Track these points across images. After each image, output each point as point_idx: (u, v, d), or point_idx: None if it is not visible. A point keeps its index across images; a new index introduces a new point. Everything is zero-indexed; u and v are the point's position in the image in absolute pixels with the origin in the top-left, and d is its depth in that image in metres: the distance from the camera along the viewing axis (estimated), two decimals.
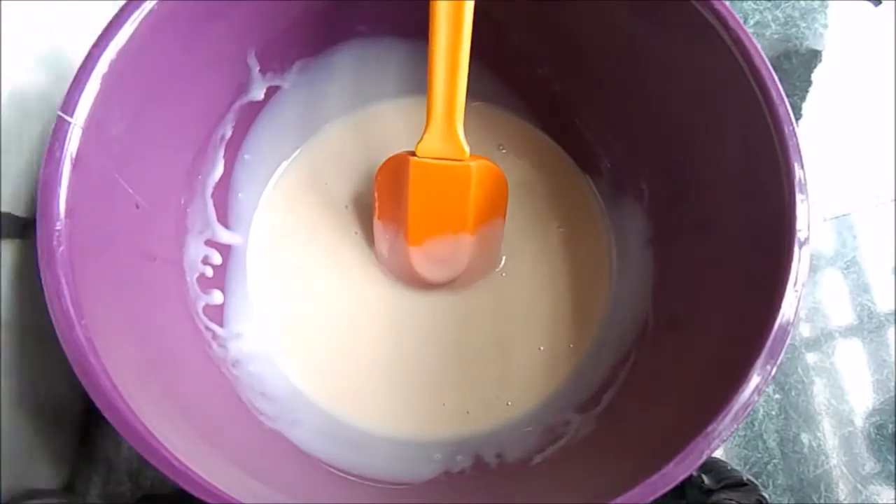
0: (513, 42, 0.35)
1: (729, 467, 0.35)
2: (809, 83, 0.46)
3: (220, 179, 0.34)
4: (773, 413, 0.40)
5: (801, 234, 0.24)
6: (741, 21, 0.26)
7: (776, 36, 0.47)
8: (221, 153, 0.34)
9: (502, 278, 0.37)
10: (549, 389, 0.35)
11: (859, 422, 0.41)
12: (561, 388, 0.35)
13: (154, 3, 0.25)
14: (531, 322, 0.36)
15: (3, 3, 0.29)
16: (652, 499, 0.22)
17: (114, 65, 0.24)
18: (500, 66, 0.37)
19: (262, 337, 0.36)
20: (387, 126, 0.39)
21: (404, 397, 0.35)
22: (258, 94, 0.34)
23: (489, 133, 0.39)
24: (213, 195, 0.34)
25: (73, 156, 0.23)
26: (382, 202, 0.35)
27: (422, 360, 0.36)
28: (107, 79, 0.24)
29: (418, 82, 0.38)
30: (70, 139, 0.23)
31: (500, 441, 0.34)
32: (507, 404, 0.35)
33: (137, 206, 0.28)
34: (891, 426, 0.41)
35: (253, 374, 0.34)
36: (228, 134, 0.34)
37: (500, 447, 0.34)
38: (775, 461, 0.40)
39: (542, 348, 0.36)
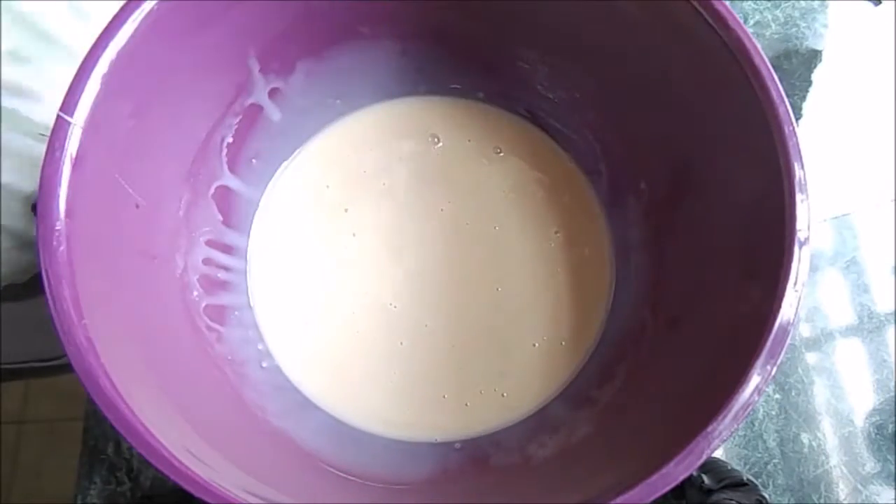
0: (513, 42, 0.35)
1: (729, 467, 0.35)
2: (809, 83, 0.46)
3: (221, 180, 0.34)
4: (773, 413, 0.40)
5: (801, 234, 0.24)
6: (741, 21, 0.26)
7: (776, 36, 0.47)
8: (222, 154, 0.34)
9: (502, 275, 0.37)
10: (546, 385, 0.35)
11: (859, 422, 0.41)
12: (559, 384, 0.35)
13: (154, 3, 0.25)
14: (530, 319, 0.37)
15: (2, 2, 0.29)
16: (652, 499, 0.22)
17: (114, 65, 0.24)
18: (499, 67, 0.37)
19: (263, 337, 0.36)
20: (388, 128, 0.39)
21: (406, 391, 0.35)
22: (259, 95, 0.34)
23: (487, 134, 0.39)
24: (213, 196, 0.34)
25: (73, 156, 0.23)
26: None
27: (422, 356, 0.36)
28: (107, 79, 0.24)
29: (421, 84, 0.39)
30: (70, 139, 0.23)
31: (498, 435, 0.34)
32: (503, 395, 0.35)
33: (137, 206, 0.28)
34: (891, 426, 0.41)
35: (254, 373, 0.34)
36: (229, 135, 0.34)
37: (498, 442, 0.34)
38: (775, 461, 0.40)
39: (535, 345, 0.36)
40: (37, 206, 0.29)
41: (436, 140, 0.39)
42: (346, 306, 0.37)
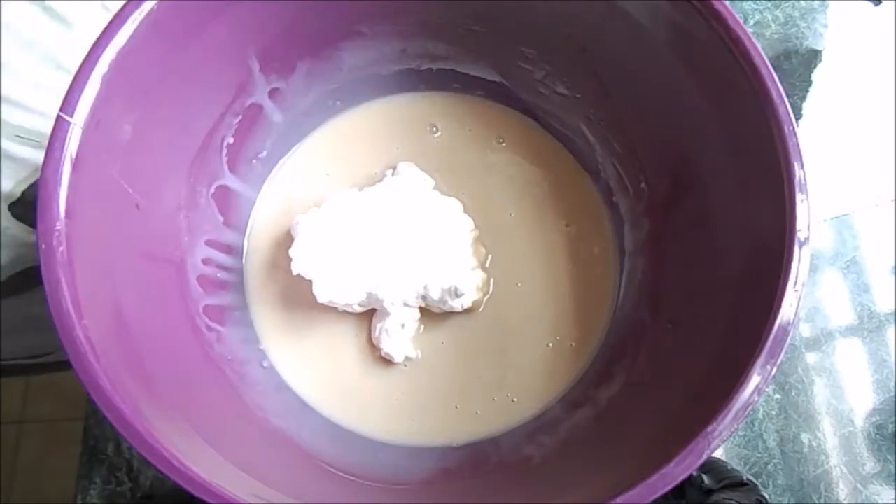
0: (513, 42, 0.35)
1: (729, 467, 0.35)
2: (809, 83, 0.46)
3: (221, 180, 0.34)
4: (773, 413, 0.40)
5: (801, 234, 0.24)
6: (741, 21, 0.26)
7: (776, 36, 0.47)
8: (222, 153, 0.34)
9: (507, 270, 0.37)
10: (552, 387, 0.35)
11: (859, 422, 0.41)
12: (563, 386, 0.35)
13: (154, 3, 0.25)
14: (535, 320, 0.36)
15: (2, 3, 0.29)
16: (652, 499, 0.22)
17: (114, 65, 0.24)
18: (500, 66, 0.37)
19: (264, 337, 0.36)
20: (386, 125, 0.39)
21: (416, 403, 0.35)
22: (259, 95, 0.34)
23: (490, 128, 0.39)
24: (213, 195, 0.34)
25: (73, 156, 0.23)
26: None
27: (430, 364, 0.36)
28: (107, 79, 0.24)
29: (421, 83, 0.39)
30: (70, 139, 0.23)
31: (503, 438, 0.34)
32: (513, 401, 0.35)
33: (137, 207, 0.28)
34: (891, 426, 0.41)
35: (254, 373, 0.34)
36: (229, 135, 0.34)
37: (497, 442, 0.34)
38: (775, 461, 0.40)
39: (549, 345, 0.36)
40: (14, 206, 0.29)
41: (434, 129, 0.39)
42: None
